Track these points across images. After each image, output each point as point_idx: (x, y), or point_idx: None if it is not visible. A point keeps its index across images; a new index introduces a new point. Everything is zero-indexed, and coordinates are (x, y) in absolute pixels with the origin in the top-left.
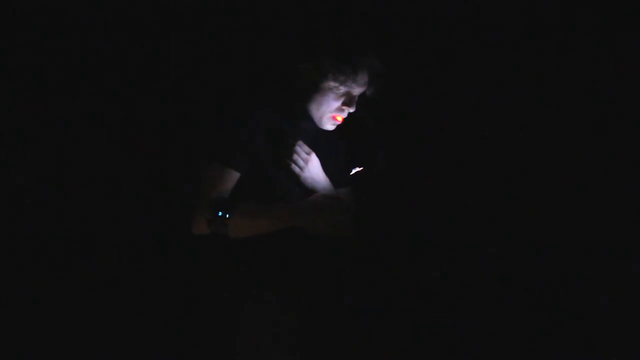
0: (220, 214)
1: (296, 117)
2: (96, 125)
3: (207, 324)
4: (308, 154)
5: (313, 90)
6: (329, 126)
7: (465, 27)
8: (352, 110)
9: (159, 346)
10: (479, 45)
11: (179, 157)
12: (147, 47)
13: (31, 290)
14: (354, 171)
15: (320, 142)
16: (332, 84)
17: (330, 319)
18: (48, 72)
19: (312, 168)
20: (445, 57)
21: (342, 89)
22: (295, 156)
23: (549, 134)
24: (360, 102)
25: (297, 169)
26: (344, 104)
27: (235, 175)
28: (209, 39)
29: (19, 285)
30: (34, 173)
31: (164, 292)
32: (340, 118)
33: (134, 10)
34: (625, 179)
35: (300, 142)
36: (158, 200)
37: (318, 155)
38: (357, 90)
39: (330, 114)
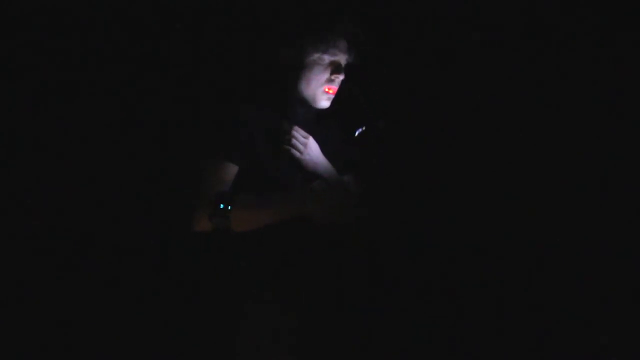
0: (221, 207)
1: (291, 105)
2: (96, 125)
3: (207, 324)
4: (305, 137)
5: (300, 68)
6: (324, 102)
7: (465, 27)
8: (341, 77)
9: (159, 346)
10: (479, 45)
11: (179, 156)
12: (147, 47)
13: (31, 290)
14: (357, 132)
15: (317, 130)
16: (315, 55)
17: (330, 319)
18: (48, 72)
19: (312, 151)
20: (445, 57)
21: (327, 59)
22: (293, 141)
23: (549, 134)
24: (349, 77)
25: (297, 153)
26: (332, 73)
27: (233, 168)
28: (200, 39)
29: (19, 285)
30: (34, 173)
31: (164, 292)
32: (332, 90)
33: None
34: (625, 179)
35: (296, 127)
36: (158, 200)
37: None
38: (341, 57)
39: (322, 87)
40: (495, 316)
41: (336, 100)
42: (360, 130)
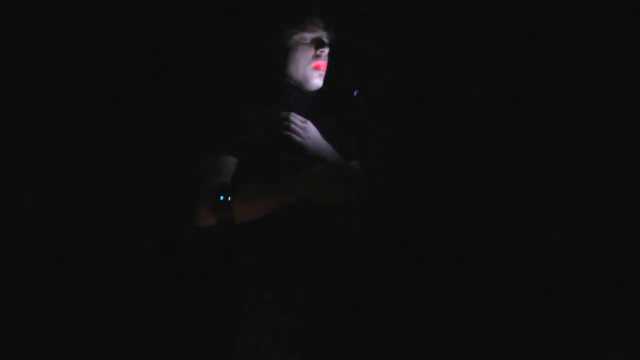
0: (222, 198)
1: (285, 93)
2: (96, 125)
3: (207, 324)
4: (304, 122)
5: (285, 53)
6: (316, 80)
7: (465, 27)
8: (327, 50)
9: (159, 346)
10: (479, 45)
11: (179, 156)
12: (147, 47)
13: (31, 290)
14: (355, 93)
15: (315, 119)
16: (296, 37)
17: (330, 319)
18: (48, 72)
19: (312, 134)
20: (445, 57)
21: (308, 36)
22: (292, 126)
23: (548, 134)
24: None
25: (297, 138)
26: (316, 48)
27: (231, 160)
28: (193, 38)
29: (19, 285)
30: (34, 173)
31: (164, 292)
32: (321, 66)
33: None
34: (625, 179)
35: (293, 114)
36: (158, 199)
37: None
38: (321, 33)
39: (310, 65)
40: (496, 316)
41: (327, 86)
42: (357, 91)
